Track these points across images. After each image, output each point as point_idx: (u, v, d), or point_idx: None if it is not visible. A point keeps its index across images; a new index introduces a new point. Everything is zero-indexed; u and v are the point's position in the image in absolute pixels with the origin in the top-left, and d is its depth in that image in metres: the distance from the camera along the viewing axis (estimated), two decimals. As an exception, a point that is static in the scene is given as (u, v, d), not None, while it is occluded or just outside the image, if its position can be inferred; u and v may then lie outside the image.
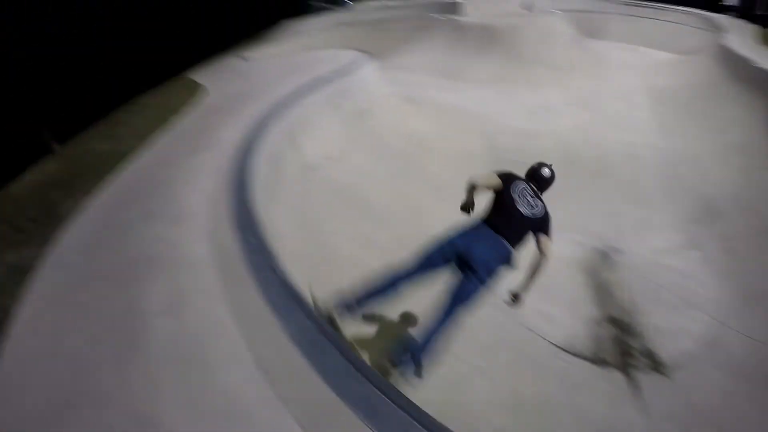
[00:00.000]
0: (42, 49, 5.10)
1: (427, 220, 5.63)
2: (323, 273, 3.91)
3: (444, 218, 3.57)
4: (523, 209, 3.31)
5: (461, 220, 3.34)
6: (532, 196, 3.46)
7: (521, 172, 3.79)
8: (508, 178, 3.49)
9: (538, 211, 3.40)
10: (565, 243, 5.71)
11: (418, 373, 2.94)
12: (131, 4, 6.99)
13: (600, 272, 5.73)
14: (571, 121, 9.35)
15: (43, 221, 3.71)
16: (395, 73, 12.82)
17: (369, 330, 3.76)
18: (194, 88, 7.49)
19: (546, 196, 3.70)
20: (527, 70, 12.78)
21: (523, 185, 3.50)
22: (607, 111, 10.42)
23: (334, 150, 5.61)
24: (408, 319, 3.96)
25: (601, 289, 5.52)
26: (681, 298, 5.26)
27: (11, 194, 4.18)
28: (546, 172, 3.79)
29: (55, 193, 4.11)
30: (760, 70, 9.45)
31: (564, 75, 12.79)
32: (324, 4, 29.57)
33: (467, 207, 3.51)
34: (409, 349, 2.90)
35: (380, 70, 10.57)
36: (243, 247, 3.10)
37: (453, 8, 17.81)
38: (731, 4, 22.92)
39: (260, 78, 7.91)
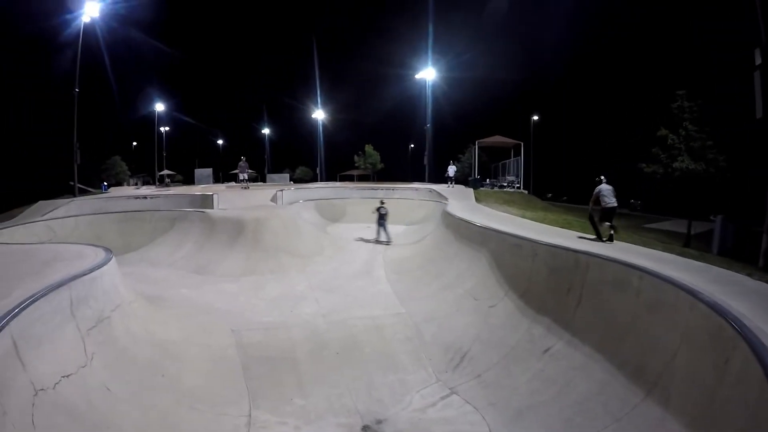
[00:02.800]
0: None
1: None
2: None
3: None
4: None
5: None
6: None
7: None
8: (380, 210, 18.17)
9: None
10: (331, 429, 5.99)
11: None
12: None
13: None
14: (317, 306, 10.13)
15: None
16: (143, 270, 12.54)
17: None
18: None
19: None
20: (273, 260, 13.78)
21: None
22: (350, 289, 11.59)
23: (70, 366, 5.09)
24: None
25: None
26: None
27: None
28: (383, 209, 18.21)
29: None
30: (477, 227, 12.21)
31: (308, 261, 14.11)
32: (83, 187, 28.05)
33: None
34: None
35: (127, 268, 10.23)
36: None
37: (205, 201, 18.62)
38: (451, 175, 28.96)
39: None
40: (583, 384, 5.95)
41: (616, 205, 10.39)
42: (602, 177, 10.92)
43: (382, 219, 17.76)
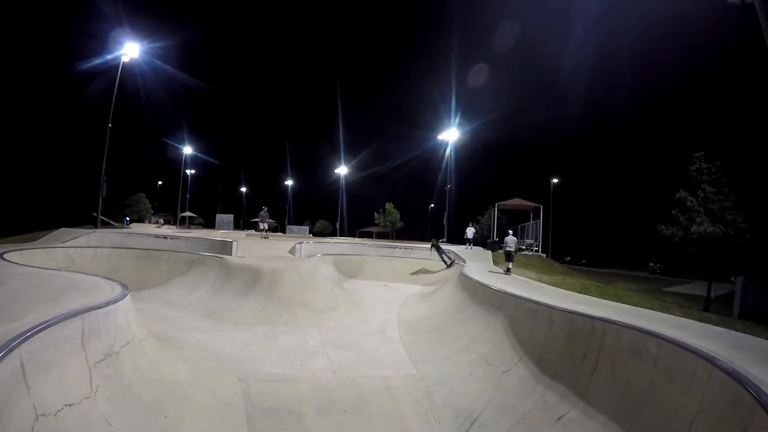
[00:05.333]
0: None
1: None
2: None
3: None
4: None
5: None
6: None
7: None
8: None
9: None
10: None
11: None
12: None
13: None
14: (328, 362, 9.92)
15: None
16: (157, 309, 12.57)
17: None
18: None
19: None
20: (288, 312, 13.61)
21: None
22: (363, 347, 11.33)
23: (74, 396, 5.03)
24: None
25: None
26: None
27: None
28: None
29: None
30: (494, 291, 12.08)
31: (323, 316, 13.93)
32: (105, 219, 28.79)
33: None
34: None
35: (141, 305, 10.26)
36: None
37: (224, 247, 18.82)
38: (469, 237, 29.14)
39: (7, 292, 7.11)
40: (596, 454, 5.65)
41: (512, 250, 18.56)
42: (510, 231, 20.22)
43: (439, 249, 24.06)
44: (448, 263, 22.48)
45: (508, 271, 18.31)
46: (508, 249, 18.59)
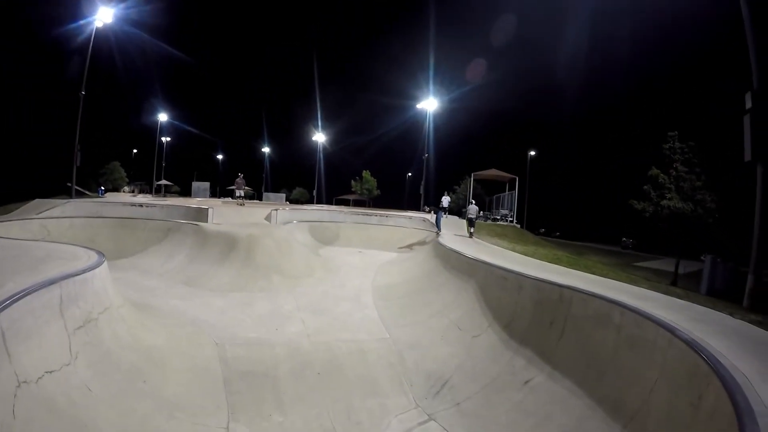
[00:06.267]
0: None
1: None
2: None
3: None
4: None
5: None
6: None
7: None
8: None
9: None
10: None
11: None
12: None
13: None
14: (303, 327, 10.15)
15: None
16: (134, 277, 12.59)
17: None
18: None
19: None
20: (263, 279, 13.79)
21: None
22: (337, 312, 11.57)
23: (54, 363, 5.12)
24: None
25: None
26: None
27: None
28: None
29: None
30: (466, 258, 12.39)
31: (298, 282, 14.12)
32: (80, 189, 28.24)
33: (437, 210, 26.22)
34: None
35: (118, 273, 10.27)
36: None
37: (200, 214, 18.72)
38: (445, 206, 29.49)
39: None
40: (561, 417, 5.96)
41: (473, 217, 21.19)
42: (473, 201, 24.29)
43: (438, 215, 23.94)
44: (437, 231, 22.25)
45: (471, 235, 20.66)
46: (470, 216, 21.37)
